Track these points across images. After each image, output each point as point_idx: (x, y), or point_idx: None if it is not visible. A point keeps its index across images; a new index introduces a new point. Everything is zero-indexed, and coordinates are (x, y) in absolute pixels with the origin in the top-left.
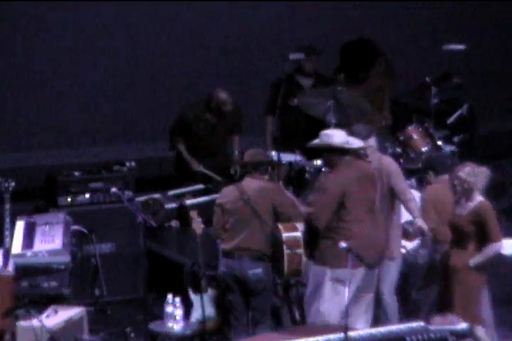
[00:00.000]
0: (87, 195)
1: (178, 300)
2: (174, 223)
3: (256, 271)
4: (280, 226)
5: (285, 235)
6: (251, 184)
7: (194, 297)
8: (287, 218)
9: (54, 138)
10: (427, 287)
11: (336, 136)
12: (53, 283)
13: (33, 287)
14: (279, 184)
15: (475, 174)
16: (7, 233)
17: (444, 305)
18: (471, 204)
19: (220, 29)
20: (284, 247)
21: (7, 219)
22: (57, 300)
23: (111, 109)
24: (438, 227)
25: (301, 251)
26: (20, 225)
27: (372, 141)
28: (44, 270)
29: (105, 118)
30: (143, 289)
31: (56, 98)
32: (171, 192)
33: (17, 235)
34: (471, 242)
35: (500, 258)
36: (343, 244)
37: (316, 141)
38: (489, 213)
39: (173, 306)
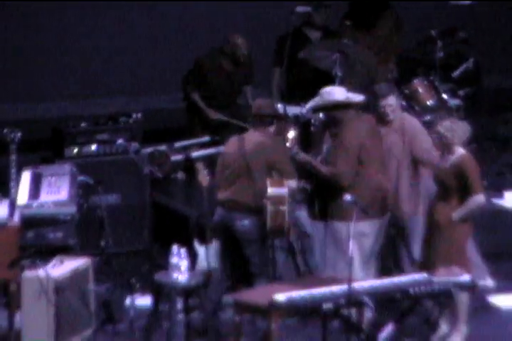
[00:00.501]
0: (94, 147)
1: (183, 251)
2: (180, 175)
3: (244, 222)
4: (268, 181)
5: (270, 191)
6: (252, 137)
7: (199, 248)
8: (280, 174)
9: (61, 89)
10: None
11: (337, 93)
12: (59, 234)
13: (38, 238)
14: (279, 139)
15: (453, 129)
16: (13, 184)
17: (427, 258)
18: (452, 158)
19: None
20: (268, 203)
21: (13, 170)
22: (62, 250)
23: (118, 60)
24: None
25: (285, 208)
26: (26, 176)
27: (393, 100)
28: (50, 221)
29: (112, 70)
30: (148, 240)
31: (63, 50)
32: (178, 144)
33: (23, 186)
34: (454, 196)
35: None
36: (347, 197)
37: (317, 100)
38: (470, 166)
39: (179, 257)
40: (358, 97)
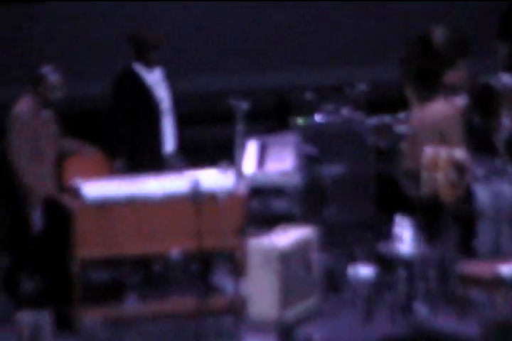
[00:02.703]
0: (318, 117)
1: (407, 221)
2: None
3: None
4: (425, 148)
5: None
6: (435, 106)
7: None
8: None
9: (288, 59)
10: None
11: None
12: (283, 203)
13: (263, 207)
14: (461, 110)
15: None
16: (239, 154)
17: None
18: None
19: None
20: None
21: (239, 140)
22: (287, 220)
23: (349, 29)
24: None
25: (440, 174)
26: (252, 146)
27: None
28: (275, 190)
29: (336, 40)
30: (372, 210)
31: (290, 21)
32: (402, 115)
33: (249, 155)
34: None
35: None
36: None
37: None
38: None
39: (402, 227)
40: None
